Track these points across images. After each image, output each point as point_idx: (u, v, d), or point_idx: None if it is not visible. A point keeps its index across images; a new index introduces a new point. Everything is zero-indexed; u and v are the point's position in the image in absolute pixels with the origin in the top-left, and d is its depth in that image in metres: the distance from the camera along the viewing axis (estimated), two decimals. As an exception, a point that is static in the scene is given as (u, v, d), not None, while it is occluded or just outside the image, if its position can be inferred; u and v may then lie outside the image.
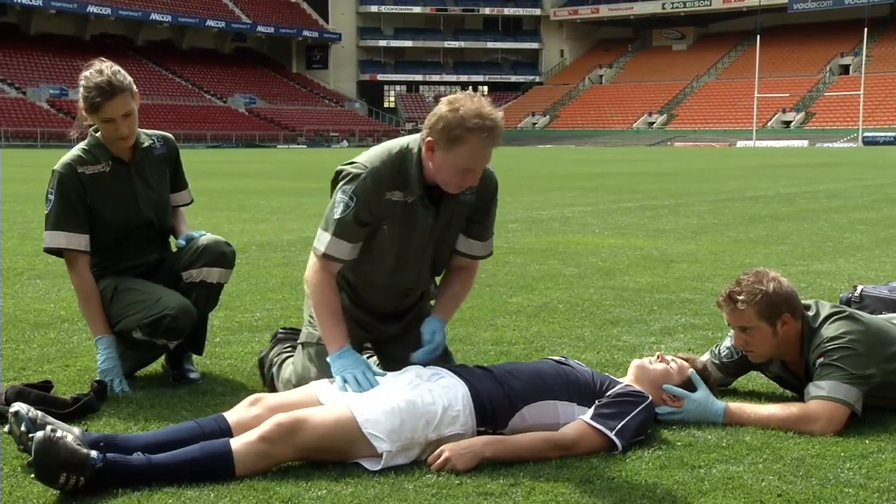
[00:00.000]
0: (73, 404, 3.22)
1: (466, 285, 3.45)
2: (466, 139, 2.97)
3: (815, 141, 63.84)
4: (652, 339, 4.56)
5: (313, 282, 3.18)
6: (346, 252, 3.16)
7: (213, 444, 2.66)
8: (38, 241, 8.35)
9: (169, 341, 3.67)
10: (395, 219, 3.18)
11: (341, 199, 3.12)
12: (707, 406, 3.18)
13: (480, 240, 3.37)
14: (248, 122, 70.51)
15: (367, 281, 3.31)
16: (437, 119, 3.00)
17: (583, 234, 9.32)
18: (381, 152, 3.17)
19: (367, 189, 3.10)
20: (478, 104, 2.99)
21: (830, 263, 7.27)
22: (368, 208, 3.12)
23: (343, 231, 3.12)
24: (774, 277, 3.31)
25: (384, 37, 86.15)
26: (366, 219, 3.14)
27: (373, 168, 3.12)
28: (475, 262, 3.44)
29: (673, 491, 2.58)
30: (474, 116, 2.95)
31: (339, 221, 3.12)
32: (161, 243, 3.94)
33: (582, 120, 78.50)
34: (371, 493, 2.55)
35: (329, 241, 3.14)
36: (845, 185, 17.79)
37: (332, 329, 3.11)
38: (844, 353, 3.16)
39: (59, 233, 3.67)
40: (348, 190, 3.11)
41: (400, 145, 3.17)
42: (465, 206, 3.26)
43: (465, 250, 3.37)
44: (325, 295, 3.15)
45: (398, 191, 3.13)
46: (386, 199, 3.13)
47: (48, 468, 2.45)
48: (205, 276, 3.77)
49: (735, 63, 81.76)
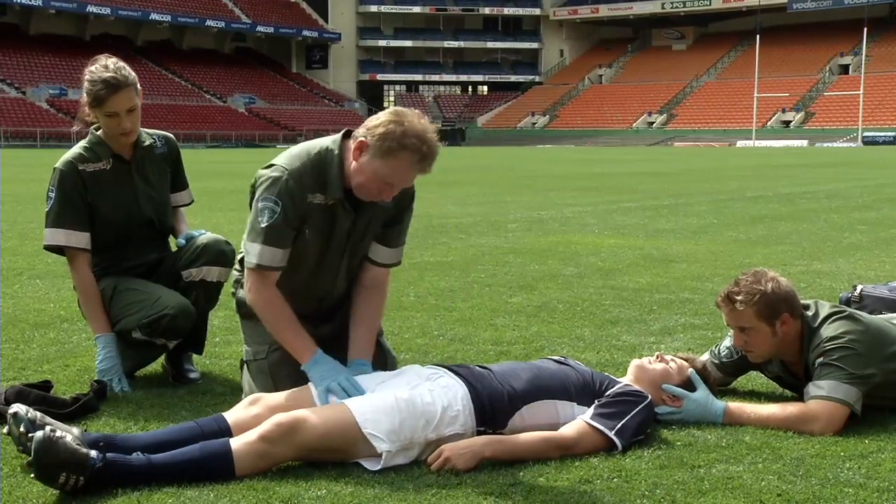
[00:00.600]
0: (73, 404, 3.22)
1: (376, 307, 3.28)
2: (399, 155, 2.90)
3: (815, 141, 63.85)
4: (651, 338, 4.56)
5: (260, 299, 3.04)
6: (279, 259, 3.05)
7: (212, 444, 2.66)
8: (37, 240, 8.34)
9: (168, 341, 3.67)
10: (316, 222, 3.10)
11: (265, 206, 3.01)
12: (707, 406, 3.18)
13: (389, 246, 3.28)
14: (247, 122, 70.52)
15: (283, 285, 3.15)
16: (380, 125, 2.93)
17: (582, 234, 9.33)
18: (300, 153, 3.07)
19: (290, 191, 3.01)
20: (423, 126, 2.92)
21: (830, 263, 7.27)
22: (294, 211, 3.03)
23: (273, 238, 3.02)
24: (773, 277, 3.31)
25: (384, 37, 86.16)
26: (293, 222, 3.05)
27: (293, 170, 3.02)
28: (382, 275, 3.31)
29: (672, 491, 2.58)
30: (415, 136, 2.89)
31: (267, 229, 3.00)
32: (161, 243, 3.94)
33: (581, 120, 78.50)
34: (371, 492, 2.55)
35: (260, 251, 3.02)
36: (845, 185, 17.79)
37: (297, 339, 3.02)
38: (844, 353, 3.16)
39: (59, 230, 3.67)
40: (271, 195, 3.00)
41: (319, 146, 3.08)
42: (382, 212, 3.18)
43: (373, 256, 3.27)
44: (276, 307, 3.04)
45: (319, 193, 3.06)
46: (308, 202, 3.06)
47: (48, 468, 2.45)
48: (204, 274, 3.76)
49: (735, 63, 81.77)
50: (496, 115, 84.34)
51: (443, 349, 4.30)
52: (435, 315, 5.14)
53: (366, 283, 3.29)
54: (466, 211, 12.13)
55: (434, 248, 8.05)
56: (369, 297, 3.27)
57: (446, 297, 5.74)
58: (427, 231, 9.51)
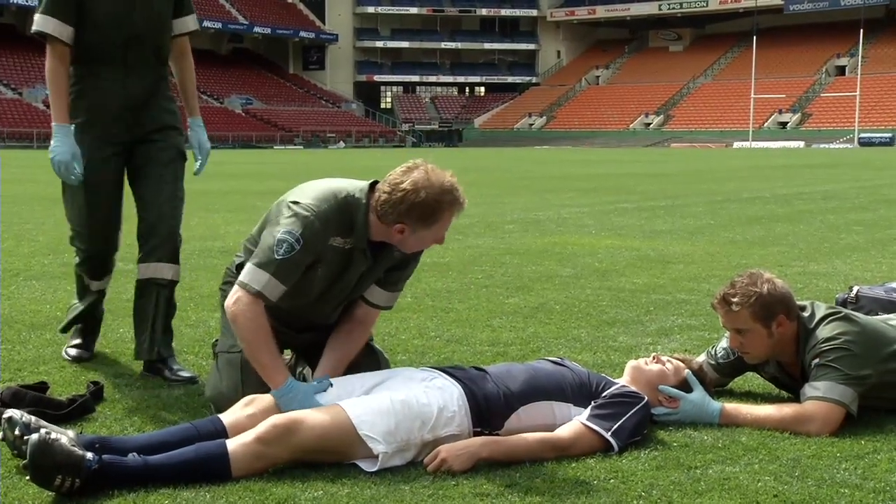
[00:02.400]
0: (69, 405, 3.21)
1: (357, 342, 3.26)
2: (441, 217, 3.00)
3: (812, 142, 63.94)
4: (648, 339, 4.57)
5: (243, 315, 2.96)
6: (278, 293, 3.01)
7: (208, 445, 2.65)
8: (34, 242, 8.35)
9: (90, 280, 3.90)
10: (330, 263, 3.09)
11: (285, 239, 2.97)
12: (703, 407, 3.18)
13: (386, 290, 3.27)
14: (244, 122, 70.48)
15: (278, 306, 3.13)
16: (405, 204, 2.94)
17: (579, 235, 9.33)
18: (326, 195, 3.04)
19: (315, 232, 2.99)
20: (443, 178, 2.98)
21: (826, 264, 7.28)
22: (313, 251, 3.01)
23: (282, 273, 2.98)
24: (769, 279, 3.31)
25: (381, 37, 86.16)
26: (306, 262, 3.02)
27: (321, 212, 3.00)
28: (373, 315, 3.30)
29: (669, 492, 2.59)
30: (444, 192, 2.96)
31: (280, 262, 2.97)
32: (155, 73, 3.86)
33: (578, 121, 78.56)
34: (367, 494, 2.55)
35: (267, 281, 2.97)
36: (841, 186, 17.81)
37: (271, 364, 2.95)
38: (840, 354, 3.16)
39: (49, 18, 3.67)
40: (295, 231, 2.97)
41: (346, 191, 3.05)
42: (392, 259, 3.19)
43: (368, 296, 3.25)
44: (259, 325, 2.97)
45: (340, 237, 3.05)
46: (329, 244, 3.05)
47: (43, 470, 2.45)
48: (152, 272, 3.76)
49: (731, 64, 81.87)
50: (493, 116, 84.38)
51: (440, 350, 4.30)
52: (432, 316, 5.14)
53: (354, 318, 3.27)
54: (463, 212, 12.10)
55: (431, 250, 8.03)
56: (353, 330, 3.26)
57: (443, 298, 5.74)
58: (424, 232, 9.49)
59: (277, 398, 2.89)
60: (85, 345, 4.13)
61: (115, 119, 3.79)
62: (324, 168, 27.86)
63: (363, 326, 3.29)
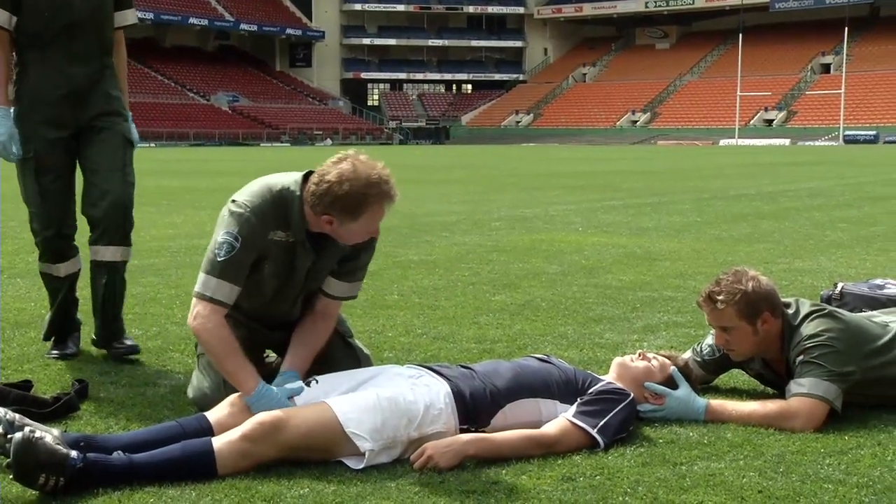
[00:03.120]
0: (54, 404, 3.19)
1: (320, 336, 3.24)
2: (369, 209, 2.93)
3: (797, 139, 64.23)
4: (634, 336, 4.58)
5: (204, 330, 2.97)
6: (232, 295, 3.01)
7: (194, 444, 2.65)
8: (17, 239, 8.30)
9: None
10: (276, 258, 3.09)
11: (224, 240, 2.98)
12: (689, 403, 3.19)
13: (343, 281, 3.25)
14: (231, 120, 70.27)
15: (239, 308, 3.16)
16: (329, 196, 2.91)
17: (566, 233, 9.34)
18: (261, 190, 3.05)
19: (252, 228, 2.99)
20: (373, 169, 2.92)
21: (812, 261, 7.31)
22: (254, 248, 3.02)
23: (228, 273, 2.98)
24: (754, 276, 3.32)
25: (368, 35, 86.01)
26: (250, 259, 3.03)
27: (255, 206, 3.00)
28: (333, 307, 3.28)
29: (655, 488, 2.59)
30: (366, 186, 2.90)
31: (224, 264, 2.97)
32: (99, 62, 3.95)
33: (565, 118, 78.65)
34: (353, 491, 2.55)
35: (216, 286, 2.98)
36: (826, 184, 17.90)
37: (240, 371, 2.92)
38: (824, 351, 3.18)
39: None
40: (233, 230, 2.98)
41: (281, 184, 3.05)
42: (340, 249, 3.16)
43: (326, 288, 3.24)
44: (223, 336, 2.96)
45: (281, 230, 3.05)
46: (269, 239, 3.04)
47: (27, 469, 2.43)
48: (101, 255, 3.89)
49: (718, 62, 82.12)
50: (480, 114, 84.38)
51: (426, 347, 4.30)
52: (418, 313, 5.14)
53: (316, 311, 3.26)
54: (450, 209, 12.13)
55: (418, 247, 8.05)
56: (316, 323, 3.24)
57: (430, 295, 5.74)
58: (411, 229, 9.51)
59: (250, 404, 2.85)
60: (67, 345, 4.14)
61: (59, 104, 3.89)
62: (311, 166, 27.79)
63: (325, 319, 3.26)
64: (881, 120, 66.32)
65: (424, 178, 20.35)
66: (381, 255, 7.55)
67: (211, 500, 2.47)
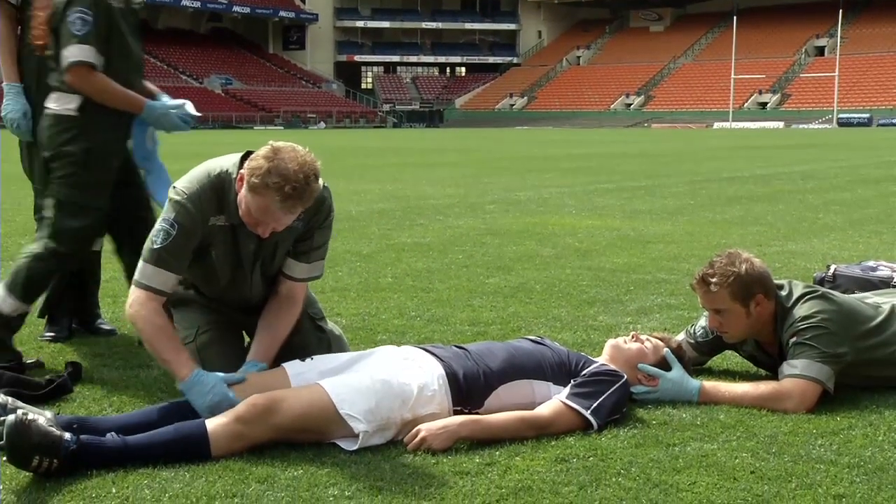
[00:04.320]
0: (47, 386, 3.19)
1: (286, 320, 3.17)
2: (262, 193, 2.83)
3: (791, 122, 64.24)
4: (628, 318, 4.59)
5: (139, 317, 2.92)
6: (169, 283, 2.97)
7: (188, 425, 2.65)
8: (9, 223, 8.27)
9: None
10: (220, 243, 3.07)
11: (161, 228, 2.97)
12: (682, 385, 3.20)
13: (301, 262, 3.19)
14: (224, 103, 69.98)
15: (203, 293, 3.19)
16: (254, 158, 2.87)
17: (560, 215, 9.34)
18: (199, 175, 3.02)
19: (189, 214, 2.96)
20: (294, 166, 2.81)
21: (805, 244, 7.33)
22: (192, 234, 2.98)
23: (164, 261, 2.95)
24: (747, 259, 3.33)
25: (361, 17, 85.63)
26: (189, 246, 3.00)
27: (191, 193, 2.98)
28: (298, 289, 3.21)
29: (648, 469, 2.60)
30: (279, 175, 2.80)
31: (160, 251, 2.95)
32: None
33: (559, 101, 78.52)
34: (347, 472, 2.55)
35: (152, 273, 2.95)
36: (820, 167, 17.92)
37: (174, 358, 2.87)
38: (817, 333, 3.19)
39: None
40: (170, 217, 2.96)
41: (219, 168, 3.02)
42: (291, 230, 3.08)
43: (287, 270, 3.19)
44: (157, 323, 2.92)
45: (221, 215, 3.01)
46: (211, 224, 3.01)
47: (20, 451, 2.43)
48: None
49: (712, 45, 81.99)
50: (474, 97, 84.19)
51: (420, 330, 4.31)
52: (412, 296, 5.14)
53: (279, 295, 3.21)
54: (444, 192, 12.11)
55: (411, 230, 8.04)
56: (280, 308, 3.19)
57: (423, 278, 5.74)
58: (404, 212, 9.50)
59: (184, 391, 2.82)
60: (60, 327, 4.12)
61: None
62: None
63: (290, 302, 3.20)
64: (875, 103, 66.39)
65: (418, 161, 20.30)
66: (375, 238, 7.56)
67: (205, 481, 2.47)
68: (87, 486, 2.43)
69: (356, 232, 7.93)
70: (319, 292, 5.15)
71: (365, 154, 24.48)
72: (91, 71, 3.58)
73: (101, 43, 3.59)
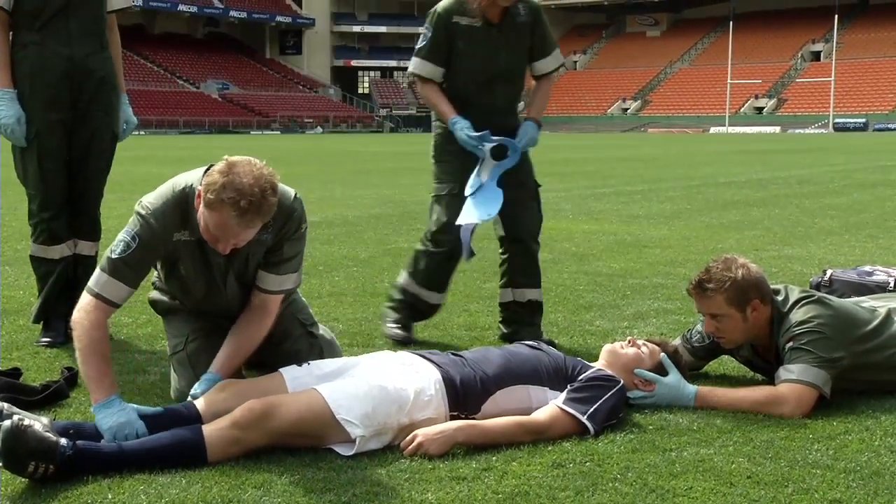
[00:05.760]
0: (43, 391, 3.18)
1: (255, 332, 3.11)
2: (218, 208, 2.77)
3: (787, 127, 64.38)
4: (625, 323, 4.59)
5: (80, 323, 2.85)
6: (121, 295, 2.92)
7: (184, 431, 2.64)
8: (7, 227, 8.26)
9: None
10: (189, 258, 3.05)
11: (122, 239, 2.95)
12: (678, 390, 3.20)
13: (273, 274, 3.12)
14: (221, 108, 69.99)
15: (183, 303, 3.19)
16: (210, 174, 2.82)
17: (557, 220, 9.35)
18: (164, 191, 3.00)
19: (150, 230, 2.94)
20: (249, 180, 2.75)
21: (801, 248, 7.34)
22: (152, 249, 2.97)
23: (120, 272, 2.91)
24: (743, 264, 3.33)
25: (358, 22, 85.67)
26: (148, 261, 3.00)
27: (154, 209, 2.95)
28: (271, 301, 3.14)
29: (644, 474, 2.60)
30: (234, 191, 2.73)
31: (116, 262, 2.91)
32: (93, 39, 4.00)
33: (556, 106, 78.46)
34: (344, 478, 2.55)
35: (104, 281, 2.91)
36: (816, 171, 17.95)
37: (100, 377, 2.78)
38: (813, 337, 3.19)
39: None
40: (132, 230, 2.95)
41: (184, 182, 2.99)
42: (260, 243, 3.03)
43: (259, 282, 3.13)
44: (94, 336, 2.83)
45: (185, 230, 2.99)
46: (175, 240, 3.00)
47: (16, 457, 2.43)
48: (78, 249, 4.07)
49: (708, 49, 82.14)
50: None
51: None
52: (409, 301, 5.13)
53: (252, 307, 3.16)
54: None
55: (408, 234, 8.04)
56: (251, 319, 3.13)
57: (420, 283, 5.72)
58: (402, 217, 9.50)
59: (95, 412, 2.75)
60: (56, 332, 4.11)
61: (58, 85, 3.93)
62: (301, 154, 27.74)
63: (262, 314, 3.14)
64: (871, 108, 66.52)
65: (415, 165, 20.29)
66: (371, 243, 7.55)
67: (201, 487, 2.47)
68: (83, 492, 2.43)
69: (353, 237, 7.93)
70: (316, 297, 5.15)
71: (362, 159, 24.49)
72: None
73: None
